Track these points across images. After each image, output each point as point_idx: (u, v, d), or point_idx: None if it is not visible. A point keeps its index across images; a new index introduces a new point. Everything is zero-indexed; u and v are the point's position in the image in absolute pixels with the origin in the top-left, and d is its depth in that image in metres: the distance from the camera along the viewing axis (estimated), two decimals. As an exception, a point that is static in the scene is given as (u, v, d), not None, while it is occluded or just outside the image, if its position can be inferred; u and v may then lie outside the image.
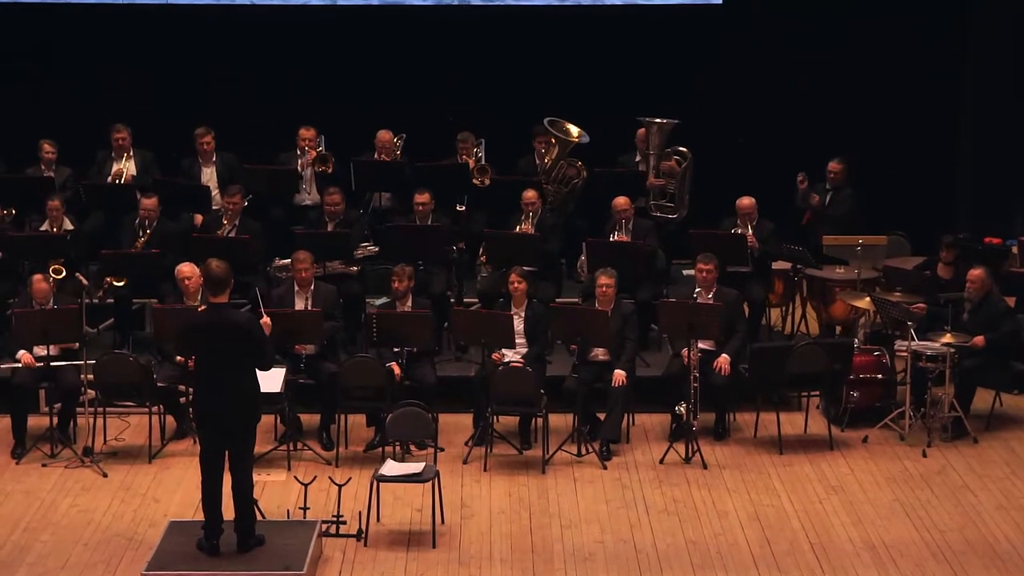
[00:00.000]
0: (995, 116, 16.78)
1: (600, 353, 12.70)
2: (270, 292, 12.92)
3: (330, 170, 15.10)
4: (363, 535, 10.87)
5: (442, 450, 12.31)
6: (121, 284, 13.80)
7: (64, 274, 13.59)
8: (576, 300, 13.76)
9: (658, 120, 15.13)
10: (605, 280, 12.68)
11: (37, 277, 12.66)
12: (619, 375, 12.46)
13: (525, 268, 13.06)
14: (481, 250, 14.42)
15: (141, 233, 14.09)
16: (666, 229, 14.90)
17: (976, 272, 12.95)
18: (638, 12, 16.71)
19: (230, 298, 10.35)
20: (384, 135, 15.32)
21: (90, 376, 12.40)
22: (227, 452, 10.22)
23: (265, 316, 11.72)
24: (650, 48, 16.61)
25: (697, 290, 12.92)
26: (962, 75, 16.96)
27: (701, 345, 12.54)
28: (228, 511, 10.31)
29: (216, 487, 10.25)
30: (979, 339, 12.68)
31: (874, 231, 14.80)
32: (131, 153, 15.16)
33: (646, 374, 13.16)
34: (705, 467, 12.21)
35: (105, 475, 12.05)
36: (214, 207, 14.77)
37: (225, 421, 10.15)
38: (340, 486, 11.03)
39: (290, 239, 13.90)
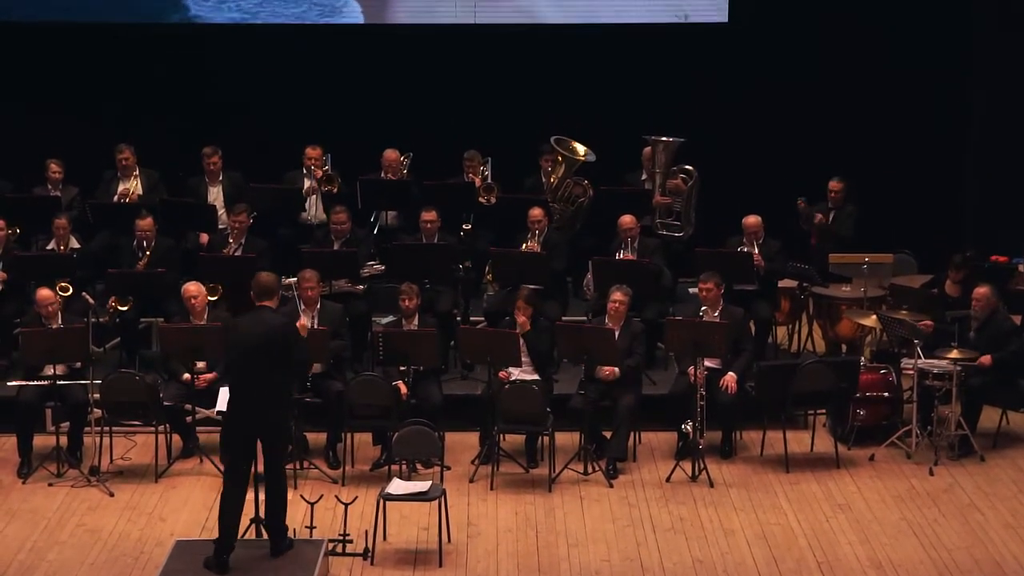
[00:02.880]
0: (1001, 134, 16.79)
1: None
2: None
3: (335, 190, 15.13)
4: (370, 554, 10.86)
5: (448, 468, 12.29)
6: (125, 309, 13.79)
7: (71, 292, 13.61)
8: (582, 318, 13.76)
9: (664, 138, 15.13)
10: (619, 296, 12.68)
11: (41, 287, 12.73)
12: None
13: (531, 287, 13.10)
14: (487, 268, 14.43)
15: (141, 254, 14.10)
16: (672, 247, 14.89)
17: (982, 290, 12.91)
18: (644, 31, 16.71)
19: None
20: (390, 154, 15.35)
21: (96, 395, 12.40)
22: (255, 459, 10.30)
23: (303, 318, 11.83)
24: (656, 67, 16.63)
25: (703, 308, 12.90)
26: (968, 93, 16.96)
27: (707, 363, 12.52)
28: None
29: (238, 502, 10.30)
30: (986, 358, 12.64)
31: (880, 249, 14.78)
32: (137, 173, 15.19)
33: (652, 392, 13.14)
34: (711, 485, 12.20)
35: (111, 494, 12.04)
36: (220, 226, 14.79)
37: (260, 423, 10.23)
38: (346, 505, 11.02)
39: (296, 258, 13.91)
